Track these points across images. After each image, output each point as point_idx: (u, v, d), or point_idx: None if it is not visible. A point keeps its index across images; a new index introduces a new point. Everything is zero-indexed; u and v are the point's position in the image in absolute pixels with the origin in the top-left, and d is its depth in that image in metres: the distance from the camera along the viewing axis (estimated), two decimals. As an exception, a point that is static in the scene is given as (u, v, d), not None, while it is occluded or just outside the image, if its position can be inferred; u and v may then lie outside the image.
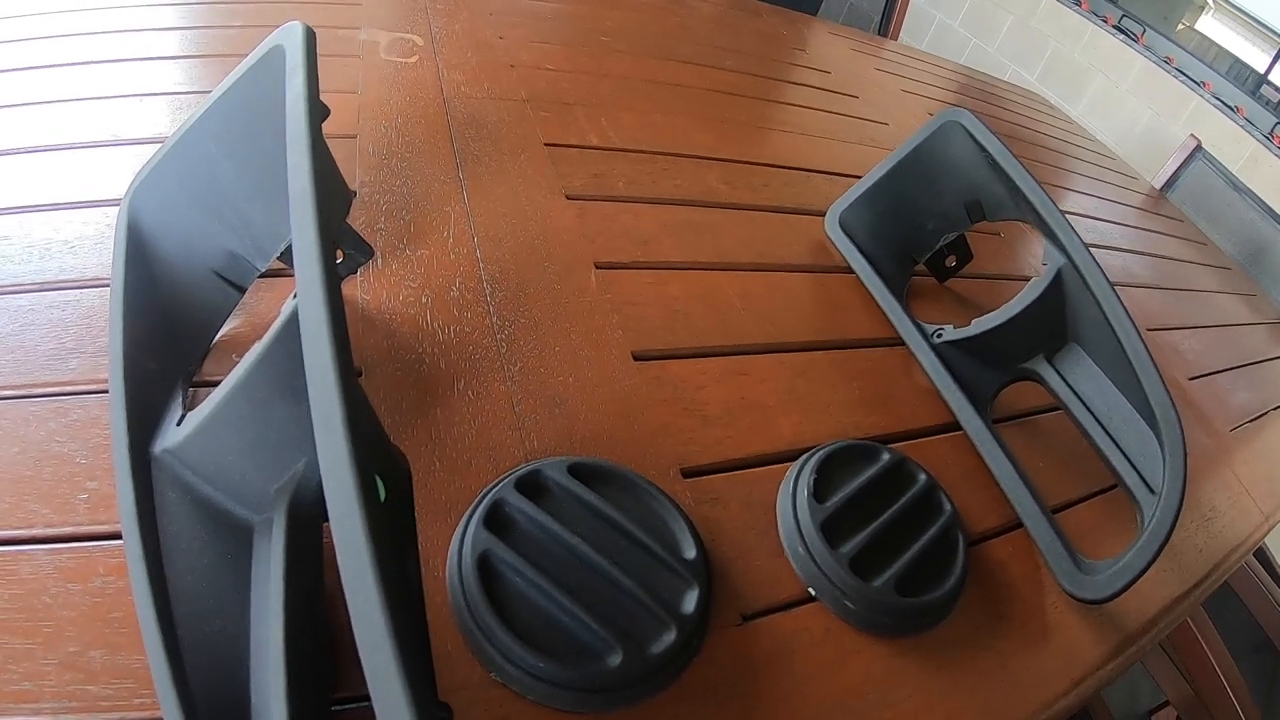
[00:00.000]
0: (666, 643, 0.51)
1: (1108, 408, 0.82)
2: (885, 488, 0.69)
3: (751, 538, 0.64)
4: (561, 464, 0.58)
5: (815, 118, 1.50)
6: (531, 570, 0.52)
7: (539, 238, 0.85)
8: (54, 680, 0.43)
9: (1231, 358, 1.50)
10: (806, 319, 0.91)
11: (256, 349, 0.47)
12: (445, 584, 0.53)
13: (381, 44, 1.15)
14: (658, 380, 0.74)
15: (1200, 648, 1.42)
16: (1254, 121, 3.30)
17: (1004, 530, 0.77)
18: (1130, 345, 0.77)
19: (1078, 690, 0.67)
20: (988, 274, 1.18)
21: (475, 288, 0.76)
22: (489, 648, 0.49)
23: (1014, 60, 4.10)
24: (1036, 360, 0.87)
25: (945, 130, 0.95)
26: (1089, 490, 0.87)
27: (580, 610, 0.50)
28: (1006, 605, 0.70)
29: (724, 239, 0.98)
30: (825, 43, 1.98)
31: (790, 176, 1.20)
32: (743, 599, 0.60)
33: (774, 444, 0.73)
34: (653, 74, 1.36)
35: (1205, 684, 1.44)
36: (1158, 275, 1.73)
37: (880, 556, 0.64)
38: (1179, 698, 1.62)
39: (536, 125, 1.05)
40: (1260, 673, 2.42)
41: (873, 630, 0.62)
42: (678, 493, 0.64)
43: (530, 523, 0.55)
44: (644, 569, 0.55)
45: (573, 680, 0.49)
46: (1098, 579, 0.70)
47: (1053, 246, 0.85)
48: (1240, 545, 0.97)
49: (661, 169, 1.06)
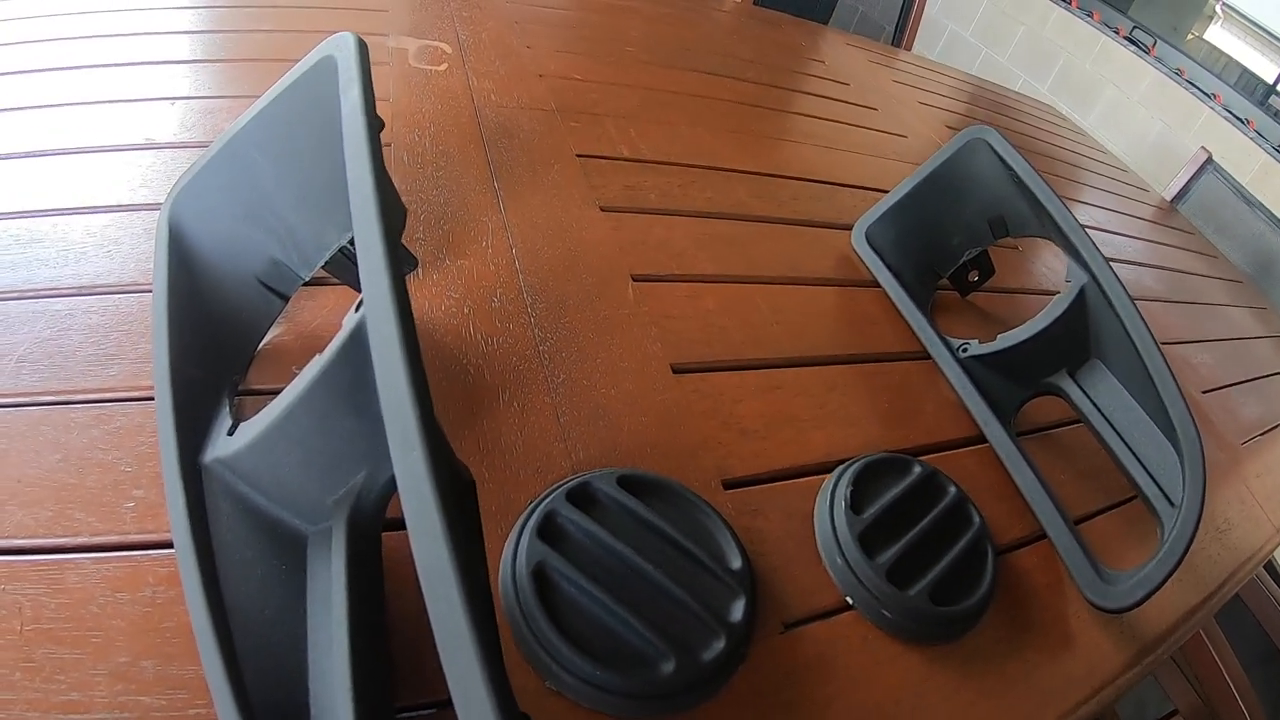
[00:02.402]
0: (716, 650, 0.53)
1: (1128, 422, 0.84)
2: (918, 499, 0.70)
3: (791, 548, 0.66)
4: (610, 475, 0.60)
5: (837, 130, 1.52)
6: (585, 580, 0.53)
7: (576, 249, 0.86)
8: (104, 691, 0.43)
9: (1243, 371, 1.51)
10: (835, 333, 0.93)
11: (318, 362, 0.47)
12: (499, 593, 0.54)
13: (410, 51, 1.16)
14: (698, 393, 0.75)
15: (1211, 657, 1.43)
16: (1264, 134, 3.31)
17: (1029, 541, 0.78)
18: (1151, 361, 0.79)
19: (1098, 698, 0.68)
20: (1008, 288, 1.19)
21: (516, 299, 0.77)
22: (545, 657, 0.50)
23: (1025, 71, 4.10)
24: (1059, 375, 0.88)
25: (971, 147, 0.96)
26: (1110, 502, 0.88)
27: (634, 619, 0.52)
28: (1032, 614, 0.71)
29: (754, 252, 0.99)
30: (843, 54, 2.00)
31: (816, 190, 1.21)
32: (785, 608, 0.62)
33: (809, 456, 0.75)
34: (677, 85, 1.38)
35: (1215, 693, 1.44)
36: (1169, 288, 1.75)
37: (915, 567, 0.65)
38: (1188, 708, 1.62)
39: (567, 136, 1.06)
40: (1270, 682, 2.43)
41: (907, 638, 0.63)
42: (720, 503, 0.66)
43: (582, 533, 0.56)
44: (692, 578, 0.56)
45: (629, 688, 0.50)
46: (1119, 589, 0.71)
47: (1076, 264, 0.86)
48: (1253, 556, 0.98)
49: (691, 181, 1.08)
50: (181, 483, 0.48)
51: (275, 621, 0.46)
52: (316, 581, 0.47)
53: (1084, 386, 0.87)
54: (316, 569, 0.48)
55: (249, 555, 0.47)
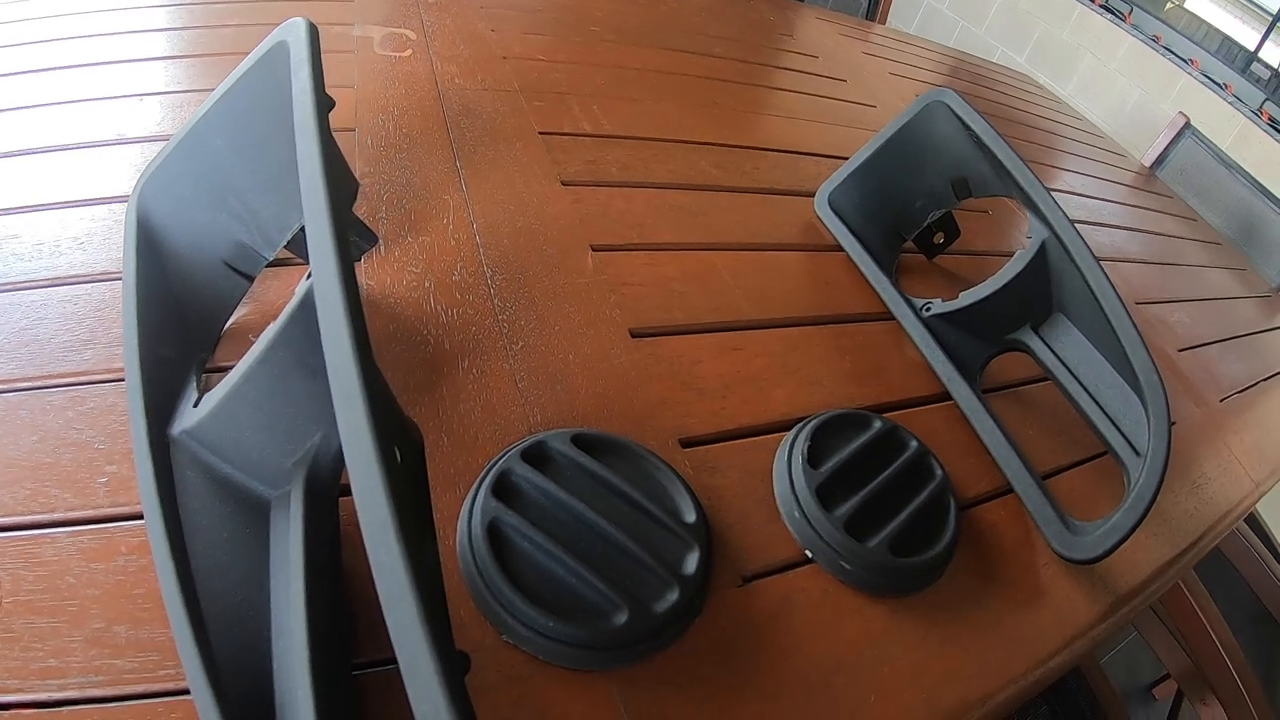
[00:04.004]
0: (670, 601, 0.54)
1: (1093, 375, 0.85)
2: (878, 454, 0.72)
3: (749, 503, 0.67)
4: (565, 435, 0.61)
5: (804, 102, 1.53)
6: (539, 535, 0.54)
7: (536, 222, 0.87)
8: (80, 656, 0.45)
9: (1220, 330, 1.52)
10: (798, 296, 0.94)
11: (272, 328, 0.49)
12: (456, 553, 0.55)
13: (375, 39, 1.17)
14: (655, 356, 0.76)
15: (1199, 619, 1.44)
16: (1242, 98, 3.32)
17: (995, 495, 0.79)
18: (1113, 312, 0.79)
19: (1070, 648, 0.69)
20: (976, 250, 1.20)
21: (476, 271, 0.78)
22: (501, 611, 0.52)
23: (1003, 42, 4.11)
24: (1024, 331, 0.89)
25: (930, 110, 0.97)
26: (1080, 457, 0.89)
27: (587, 572, 0.53)
28: (999, 567, 0.72)
29: (716, 221, 1.00)
30: (813, 28, 2.00)
31: (780, 159, 1.22)
32: (742, 561, 0.63)
33: (769, 415, 0.76)
34: (644, 62, 1.38)
35: (1204, 655, 1.46)
36: (1147, 251, 1.75)
37: (874, 519, 0.66)
38: (1179, 670, 1.64)
39: (530, 115, 1.07)
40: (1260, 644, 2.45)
41: (869, 590, 0.64)
42: (677, 461, 0.67)
43: (536, 490, 0.57)
44: (646, 532, 0.57)
45: (582, 639, 0.51)
46: (1087, 540, 0.73)
47: (1036, 220, 0.87)
48: (1231, 511, 0.99)
49: (653, 154, 1.09)
50: (150, 455, 0.49)
51: (241, 583, 0.47)
52: (278, 543, 0.49)
53: (1048, 341, 0.88)
54: (278, 531, 0.49)
55: (215, 521, 0.49)
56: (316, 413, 0.49)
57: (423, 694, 0.31)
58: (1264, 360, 1.54)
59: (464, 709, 0.31)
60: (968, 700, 0.62)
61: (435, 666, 0.31)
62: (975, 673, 0.63)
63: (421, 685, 0.31)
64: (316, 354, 0.38)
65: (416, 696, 0.31)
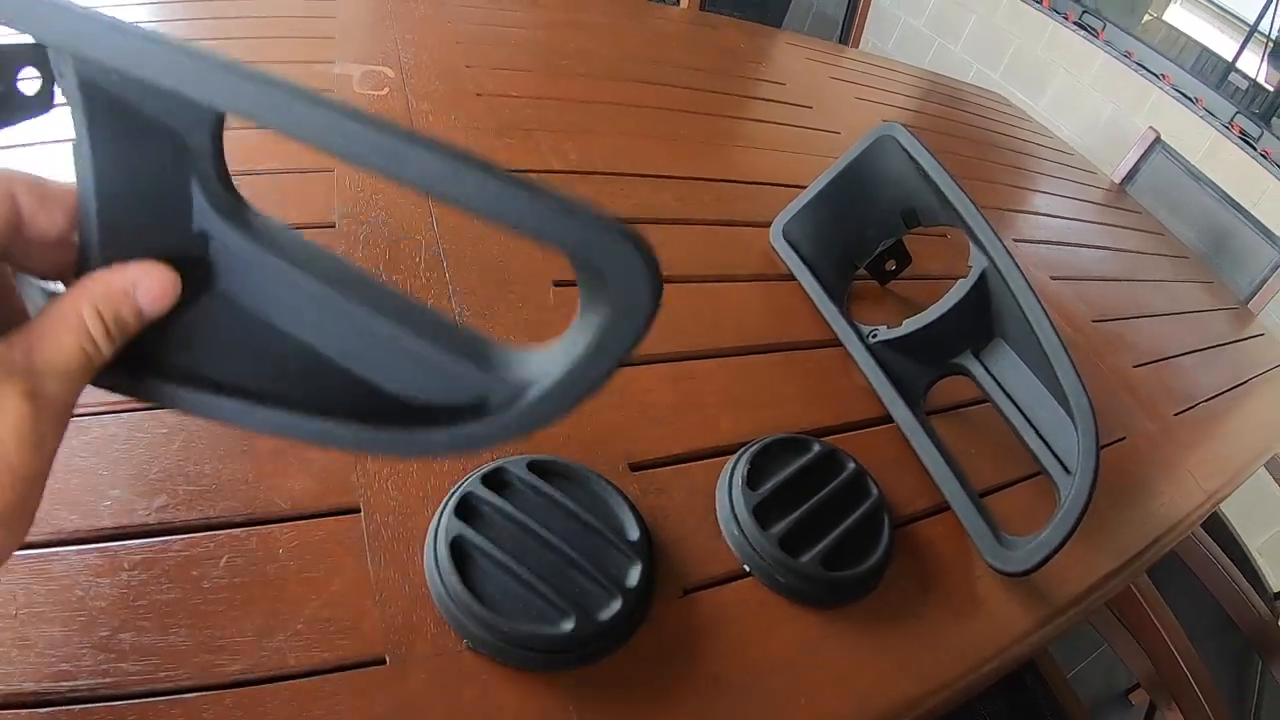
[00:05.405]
0: (613, 610, 0.60)
1: (1029, 397, 0.90)
2: (816, 475, 0.77)
3: (692, 522, 0.73)
4: (522, 461, 0.67)
5: (768, 130, 1.58)
6: (497, 551, 0.60)
7: (502, 259, 0.93)
8: (89, 661, 0.50)
9: (1182, 344, 1.57)
10: (751, 325, 0.99)
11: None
12: (424, 568, 0.61)
13: (355, 77, 1.21)
14: (608, 387, 0.81)
15: (1155, 628, 1.47)
16: (1213, 112, 3.38)
17: (933, 512, 0.85)
18: (1045, 338, 0.85)
19: (1004, 656, 0.75)
20: (933, 275, 1.25)
21: (445, 308, 0.84)
22: (463, 619, 0.57)
23: (978, 59, 4.18)
24: (965, 356, 0.94)
25: (880, 144, 1.02)
26: (1019, 475, 0.94)
27: (539, 584, 0.59)
28: (934, 579, 0.78)
29: (674, 254, 1.06)
30: (783, 54, 2.06)
31: (741, 190, 1.28)
32: (684, 575, 0.68)
33: (715, 440, 0.81)
34: (612, 96, 1.44)
35: (1163, 663, 1.49)
36: (1111, 268, 1.80)
37: (809, 536, 0.72)
38: (1145, 677, 1.68)
39: (502, 152, 1.12)
40: (1224, 652, 2.50)
41: (803, 601, 0.70)
42: (626, 484, 0.72)
43: (495, 511, 0.63)
44: (593, 548, 0.63)
45: (534, 642, 0.57)
46: (1018, 554, 0.78)
47: (977, 249, 0.92)
48: (1180, 522, 1.04)
49: (618, 189, 1.14)
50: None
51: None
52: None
53: (988, 365, 0.93)
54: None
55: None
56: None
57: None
58: (1227, 372, 1.58)
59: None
60: (899, 703, 0.66)
61: None
62: (907, 677, 0.68)
63: None
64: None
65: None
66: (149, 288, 0.35)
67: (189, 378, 0.39)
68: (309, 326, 0.38)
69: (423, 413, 0.39)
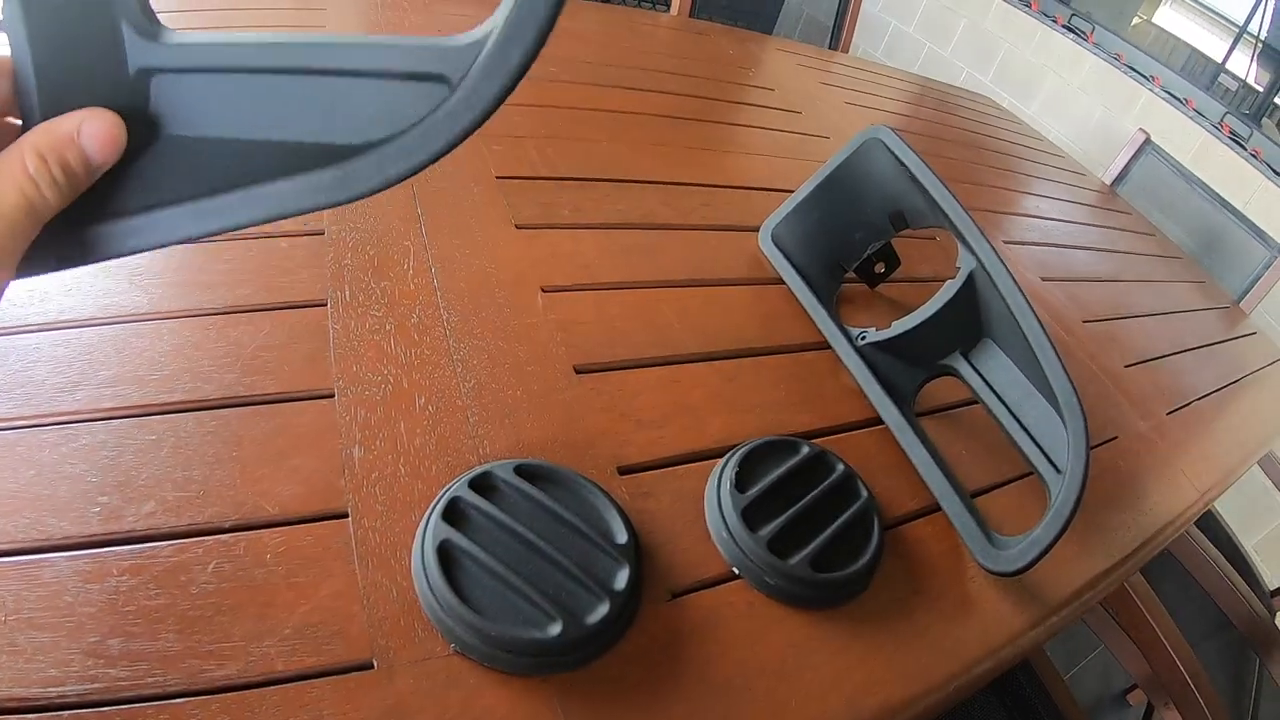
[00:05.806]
0: (600, 614, 0.60)
1: (1019, 397, 0.90)
2: (804, 477, 0.77)
3: (680, 525, 0.73)
4: (509, 465, 0.67)
5: (757, 136, 1.59)
6: (484, 555, 0.60)
7: (490, 266, 0.93)
8: (78, 666, 0.50)
9: (1174, 344, 1.57)
10: (739, 329, 0.99)
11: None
12: (412, 572, 0.61)
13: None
14: (597, 390, 0.82)
15: (1151, 628, 1.47)
16: (1203, 112, 3.39)
17: (923, 513, 0.85)
18: (1034, 338, 0.85)
19: (996, 656, 0.75)
20: (922, 277, 1.26)
21: (433, 314, 0.84)
22: (451, 623, 0.57)
23: (968, 63, 4.19)
24: (954, 356, 0.94)
25: (867, 147, 1.02)
26: (1010, 475, 0.95)
27: (526, 588, 0.59)
28: (925, 580, 0.78)
29: (662, 259, 1.06)
30: (772, 60, 2.06)
31: (729, 195, 1.28)
32: (672, 578, 0.68)
33: (704, 443, 0.82)
34: (600, 102, 1.44)
35: (1159, 663, 1.49)
36: (1102, 269, 1.80)
37: (798, 538, 0.72)
38: (1142, 677, 1.68)
39: (489, 160, 1.12)
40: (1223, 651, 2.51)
41: (792, 603, 0.70)
42: (614, 488, 0.72)
43: (482, 516, 0.63)
44: (581, 552, 0.63)
45: (521, 646, 0.57)
46: (1009, 554, 0.78)
47: (965, 250, 0.92)
48: (1173, 521, 1.04)
49: (605, 195, 1.14)
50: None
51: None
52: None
53: (977, 365, 0.93)
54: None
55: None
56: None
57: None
58: (1219, 371, 1.59)
59: None
60: (889, 704, 0.66)
61: None
62: (898, 678, 0.68)
63: None
64: None
65: None
66: (94, 132, 0.35)
67: (135, 210, 0.39)
68: (261, 122, 0.39)
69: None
